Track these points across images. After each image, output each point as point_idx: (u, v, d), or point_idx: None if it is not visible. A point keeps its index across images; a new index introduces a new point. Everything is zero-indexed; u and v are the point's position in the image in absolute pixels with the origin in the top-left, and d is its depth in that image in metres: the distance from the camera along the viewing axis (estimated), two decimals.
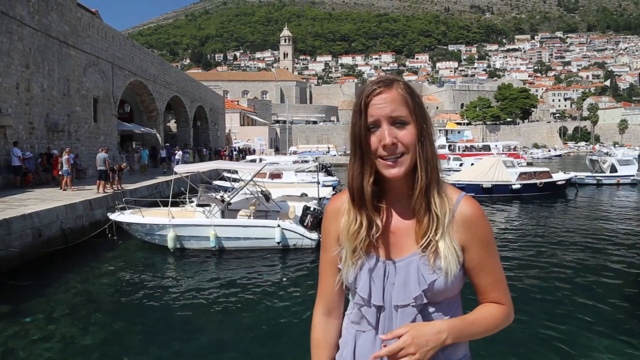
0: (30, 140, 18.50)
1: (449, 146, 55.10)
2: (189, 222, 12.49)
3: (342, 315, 1.59)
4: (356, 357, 1.46)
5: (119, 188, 17.23)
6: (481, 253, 1.39)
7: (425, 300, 1.36)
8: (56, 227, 12.34)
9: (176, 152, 30.27)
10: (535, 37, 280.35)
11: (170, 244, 12.19)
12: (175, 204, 13.41)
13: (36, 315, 8.12)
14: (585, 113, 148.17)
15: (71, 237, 12.66)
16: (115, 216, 12.96)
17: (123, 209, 13.21)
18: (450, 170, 34.17)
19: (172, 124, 48.67)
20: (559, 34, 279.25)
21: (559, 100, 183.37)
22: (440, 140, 59.39)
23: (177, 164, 24.81)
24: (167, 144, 35.28)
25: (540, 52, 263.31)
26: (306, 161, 29.48)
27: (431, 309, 1.39)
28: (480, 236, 1.39)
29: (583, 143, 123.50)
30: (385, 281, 1.40)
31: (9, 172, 16.79)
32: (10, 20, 17.09)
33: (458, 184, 24.57)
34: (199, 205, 13.19)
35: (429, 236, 1.35)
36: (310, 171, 21.77)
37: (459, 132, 66.73)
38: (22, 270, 10.45)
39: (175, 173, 13.78)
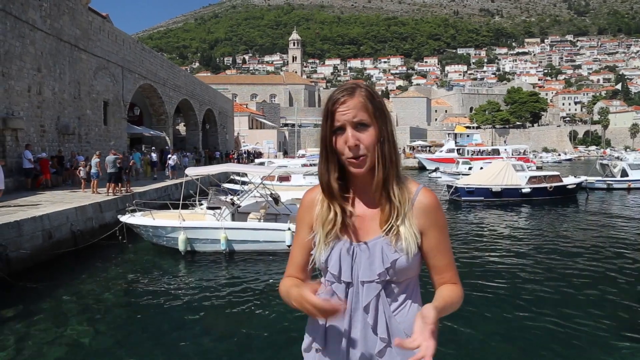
0: (41, 143, 18.67)
1: (458, 150, 54.97)
2: (199, 224, 12.49)
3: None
4: (327, 330, 1.64)
5: (128, 190, 17.35)
6: (437, 236, 1.59)
7: (387, 277, 1.56)
8: (66, 229, 12.42)
9: (170, 155, 26.90)
10: (545, 40, 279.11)
11: (181, 247, 12.20)
12: (184, 207, 13.45)
13: (46, 316, 8.16)
14: (596, 117, 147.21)
15: (81, 239, 12.73)
16: (125, 218, 13.00)
17: (133, 211, 13.27)
18: (459, 174, 34.03)
19: (182, 127, 48.90)
20: (569, 37, 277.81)
21: (569, 104, 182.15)
22: (449, 144, 59.29)
23: (171, 169, 24.30)
24: (167, 147, 33.57)
25: (551, 55, 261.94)
26: (315, 164, 29.46)
27: (393, 286, 1.59)
28: (437, 222, 1.59)
29: (594, 147, 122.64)
30: (354, 260, 1.59)
31: (20, 174, 16.95)
32: (22, 25, 17.28)
33: (467, 187, 24.51)
34: (209, 208, 13.21)
35: (391, 222, 1.55)
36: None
37: (467, 136, 66.52)
38: (33, 272, 10.52)
39: (186, 175, 13.84)
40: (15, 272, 10.00)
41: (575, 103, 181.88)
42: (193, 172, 13.96)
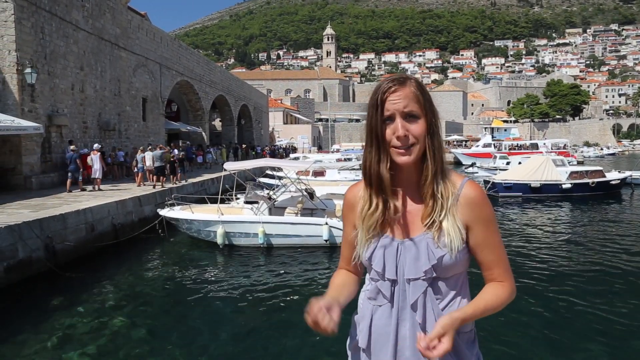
0: (84, 139, 19.28)
1: (495, 144, 53.78)
2: (238, 218, 12.66)
3: (359, 275, 1.78)
4: (372, 330, 1.62)
5: (186, 180, 19.21)
6: (484, 231, 1.54)
7: (434, 274, 1.52)
8: (107, 222, 12.81)
9: (173, 150, 22.21)
10: (588, 30, 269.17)
11: (219, 240, 12.41)
12: (221, 201, 13.66)
13: (89, 306, 8.46)
14: None
15: (121, 232, 13.12)
16: (165, 212, 13.30)
17: (172, 205, 13.56)
18: (497, 169, 33.32)
19: (217, 123, 49.61)
20: (613, 26, 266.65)
21: (613, 96, 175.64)
22: (485, 139, 58.06)
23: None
24: (182, 142, 30.07)
25: (593, 45, 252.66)
26: (349, 159, 29.41)
27: (440, 283, 1.55)
28: (483, 216, 1.54)
29: (639, 141, 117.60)
30: (398, 257, 1.56)
31: (64, 169, 17.54)
32: (66, 25, 17.86)
33: (505, 183, 23.97)
34: (247, 202, 13.37)
35: (432, 216, 1.52)
36: (354, 169, 21.73)
37: (505, 130, 64.99)
38: (77, 263, 10.92)
39: (225, 170, 14.07)
40: (61, 264, 10.39)
41: (620, 95, 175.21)
42: (231, 167, 14.15)
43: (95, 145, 16.93)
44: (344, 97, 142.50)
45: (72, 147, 16.07)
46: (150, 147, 19.20)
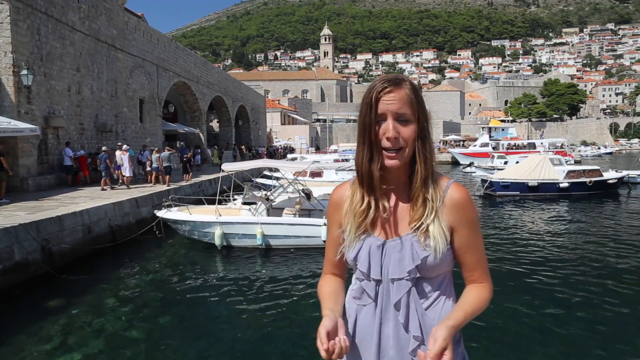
0: (80, 141, 19.24)
1: (492, 144, 53.81)
2: (236, 219, 12.61)
3: (344, 277, 1.80)
4: (357, 329, 1.64)
5: (189, 179, 20.18)
6: (468, 233, 1.56)
7: (418, 274, 1.54)
8: (104, 224, 12.78)
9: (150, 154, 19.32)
10: (584, 29, 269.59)
11: (217, 242, 12.36)
12: (219, 202, 13.63)
13: (87, 308, 8.42)
14: (639, 108, 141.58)
15: (118, 233, 13.08)
16: (162, 213, 13.25)
17: (170, 206, 13.52)
18: (494, 169, 33.35)
19: (215, 124, 49.57)
20: (610, 25, 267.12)
21: (610, 96, 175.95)
22: (483, 138, 58.14)
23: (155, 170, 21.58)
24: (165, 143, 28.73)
25: (590, 45, 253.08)
26: (347, 160, 29.36)
27: (424, 283, 1.57)
28: (467, 218, 1.56)
29: (636, 140, 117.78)
30: (383, 257, 1.57)
31: (61, 171, 17.54)
32: (63, 27, 17.82)
33: (502, 181, 24.00)
34: (245, 203, 13.34)
35: (421, 220, 1.53)
36: (351, 169, 21.66)
37: (502, 130, 65.05)
38: (74, 266, 10.87)
39: (222, 171, 14.03)
40: (58, 266, 10.35)
41: (617, 94, 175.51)
42: (229, 167, 14.13)
43: (124, 147, 18.10)
44: (342, 97, 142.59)
45: (104, 147, 17.35)
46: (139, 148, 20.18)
